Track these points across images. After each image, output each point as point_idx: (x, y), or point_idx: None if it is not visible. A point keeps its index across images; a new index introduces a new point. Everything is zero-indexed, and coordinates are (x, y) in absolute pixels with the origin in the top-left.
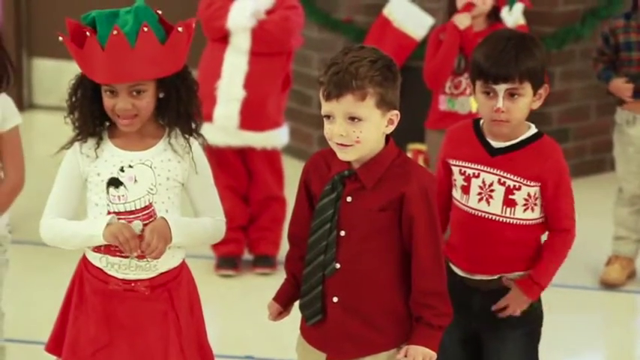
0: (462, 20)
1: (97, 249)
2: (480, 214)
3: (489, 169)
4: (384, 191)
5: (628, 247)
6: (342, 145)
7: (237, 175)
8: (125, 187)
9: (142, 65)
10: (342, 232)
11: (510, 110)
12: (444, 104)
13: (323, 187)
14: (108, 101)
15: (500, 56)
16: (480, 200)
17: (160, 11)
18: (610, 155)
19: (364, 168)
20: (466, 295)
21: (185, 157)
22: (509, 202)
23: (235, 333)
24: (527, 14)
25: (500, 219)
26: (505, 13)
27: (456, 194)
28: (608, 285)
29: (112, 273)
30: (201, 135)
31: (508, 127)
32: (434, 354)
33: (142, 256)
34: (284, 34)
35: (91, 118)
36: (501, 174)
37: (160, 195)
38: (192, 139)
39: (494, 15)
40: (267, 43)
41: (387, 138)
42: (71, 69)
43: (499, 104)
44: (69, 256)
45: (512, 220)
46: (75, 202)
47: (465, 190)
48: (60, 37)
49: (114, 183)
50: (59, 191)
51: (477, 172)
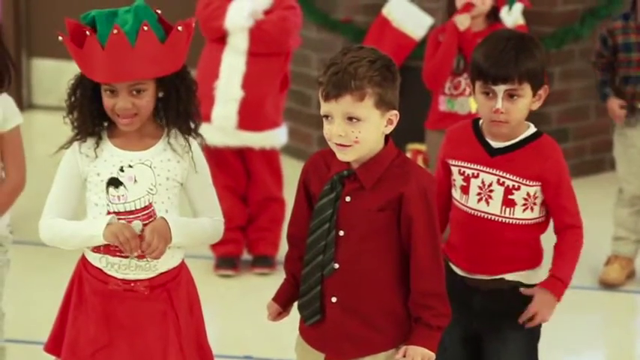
0: (463, 21)
1: (97, 249)
2: (480, 214)
3: (488, 169)
4: (383, 191)
5: (627, 247)
6: (341, 146)
7: (236, 176)
8: (125, 187)
9: (142, 64)
10: (341, 232)
11: (509, 111)
12: (443, 105)
13: (322, 188)
14: (108, 101)
15: (500, 57)
16: (480, 200)
17: (159, 11)
18: (609, 155)
19: (363, 168)
20: (466, 295)
21: (185, 156)
22: (508, 202)
23: (234, 333)
24: (527, 14)
25: (500, 219)
26: (504, 13)
27: (456, 194)
28: (607, 285)
29: (111, 273)
30: (200, 134)
31: (507, 127)
32: (432, 354)
33: (141, 256)
34: (282, 34)
35: (90, 117)
36: (500, 174)
37: (160, 195)
38: (191, 138)
39: (493, 15)
40: (265, 43)
41: (387, 138)
42: (71, 69)
43: (498, 105)
44: (69, 257)
45: (511, 220)
46: (74, 202)
47: (465, 191)
48: (60, 37)
49: (114, 183)
50: (58, 191)
51: (476, 173)
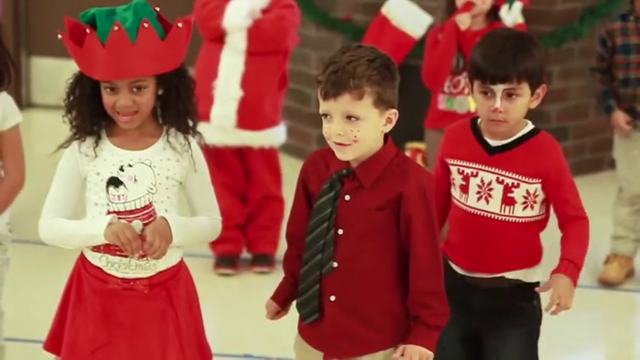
0: (464, 20)
1: (97, 248)
2: (480, 213)
3: (487, 167)
4: (382, 190)
5: (627, 246)
6: (340, 145)
7: (235, 175)
8: (125, 186)
9: (142, 61)
10: (340, 231)
11: (508, 110)
12: (442, 103)
13: (321, 186)
14: (108, 98)
15: (498, 56)
16: (479, 199)
17: (158, 8)
18: (609, 154)
19: (362, 167)
20: (466, 294)
21: (184, 155)
22: (508, 201)
23: (234, 332)
24: (526, 13)
25: (500, 217)
26: (504, 11)
27: (455, 193)
28: (606, 283)
29: (111, 272)
30: (199, 133)
31: (506, 126)
32: (431, 354)
33: (142, 256)
34: (280, 33)
35: (89, 116)
36: (499, 172)
37: (160, 194)
38: (190, 137)
39: (493, 14)
40: (263, 42)
41: (386, 137)
42: (70, 68)
43: (497, 104)
44: (68, 255)
45: (511, 219)
46: (73, 202)
47: (464, 190)
48: (59, 36)
49: (114, 182)
50: (57, 190)
51: (475, 172)
